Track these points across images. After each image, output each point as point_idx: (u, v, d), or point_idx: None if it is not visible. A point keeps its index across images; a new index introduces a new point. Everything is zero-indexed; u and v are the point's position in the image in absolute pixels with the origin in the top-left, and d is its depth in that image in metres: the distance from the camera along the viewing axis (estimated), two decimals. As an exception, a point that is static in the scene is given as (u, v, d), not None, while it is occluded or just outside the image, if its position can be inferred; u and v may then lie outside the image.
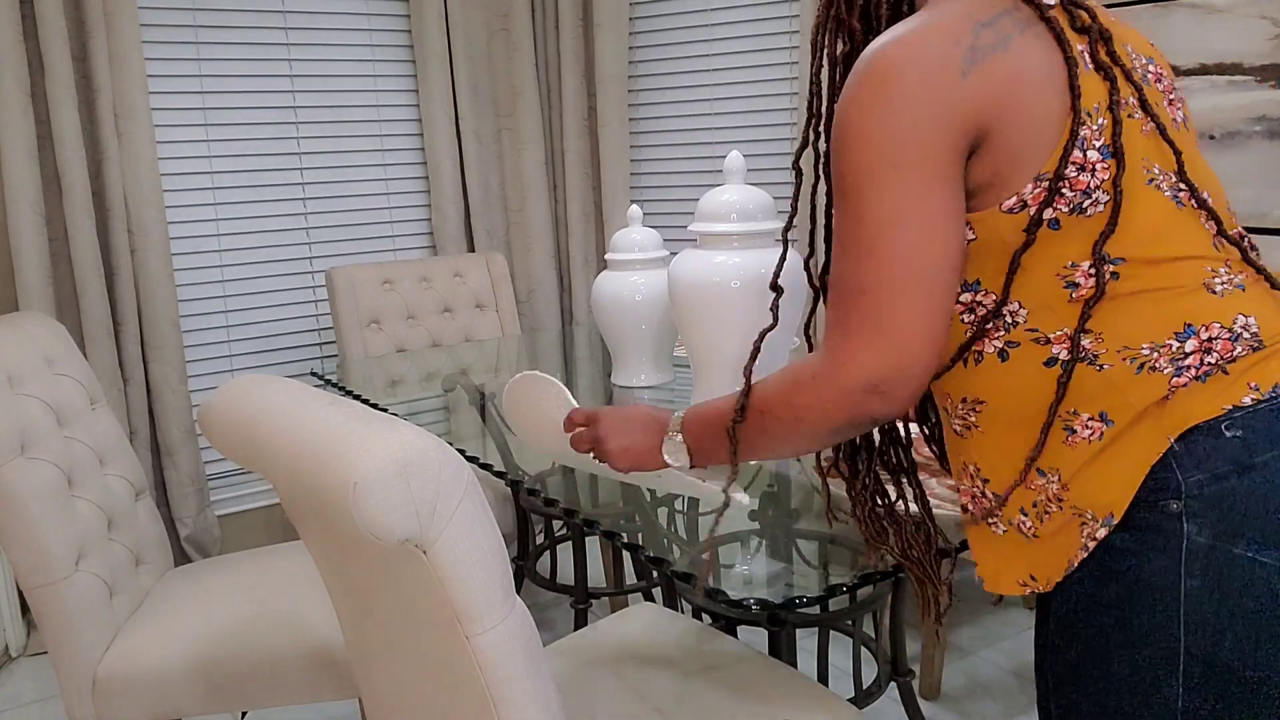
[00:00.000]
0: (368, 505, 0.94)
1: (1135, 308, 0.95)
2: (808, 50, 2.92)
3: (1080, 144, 0.93)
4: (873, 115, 0.93)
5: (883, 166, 0.93)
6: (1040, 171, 0.94)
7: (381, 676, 1.26)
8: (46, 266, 2.63)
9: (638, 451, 1.19)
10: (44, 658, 2.63)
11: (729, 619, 1.77)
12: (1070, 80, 0.94)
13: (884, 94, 0.92)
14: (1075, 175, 0.94)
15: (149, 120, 2.72)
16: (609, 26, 3.24)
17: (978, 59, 0.92)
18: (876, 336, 0.94)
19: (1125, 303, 0.95)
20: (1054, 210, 0.94)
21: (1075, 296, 0.96)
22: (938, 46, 0.92)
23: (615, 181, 3.35)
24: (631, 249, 2.10)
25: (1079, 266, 0.95)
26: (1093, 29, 0.97)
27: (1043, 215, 0.95)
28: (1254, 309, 0.97)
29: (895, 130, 0.92)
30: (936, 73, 0.92)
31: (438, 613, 1.02)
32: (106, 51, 2.64)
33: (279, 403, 1.14)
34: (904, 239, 0.93)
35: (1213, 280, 0.97)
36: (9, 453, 1.53)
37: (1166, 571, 0.93)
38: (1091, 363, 0.96)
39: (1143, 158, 0.97)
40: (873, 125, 0.93)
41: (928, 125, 0.92)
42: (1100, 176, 0.94)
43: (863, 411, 0.96)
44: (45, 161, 2.64)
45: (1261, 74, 2.27)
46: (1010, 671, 2.40)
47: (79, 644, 1.60)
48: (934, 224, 0.93)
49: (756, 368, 1.83)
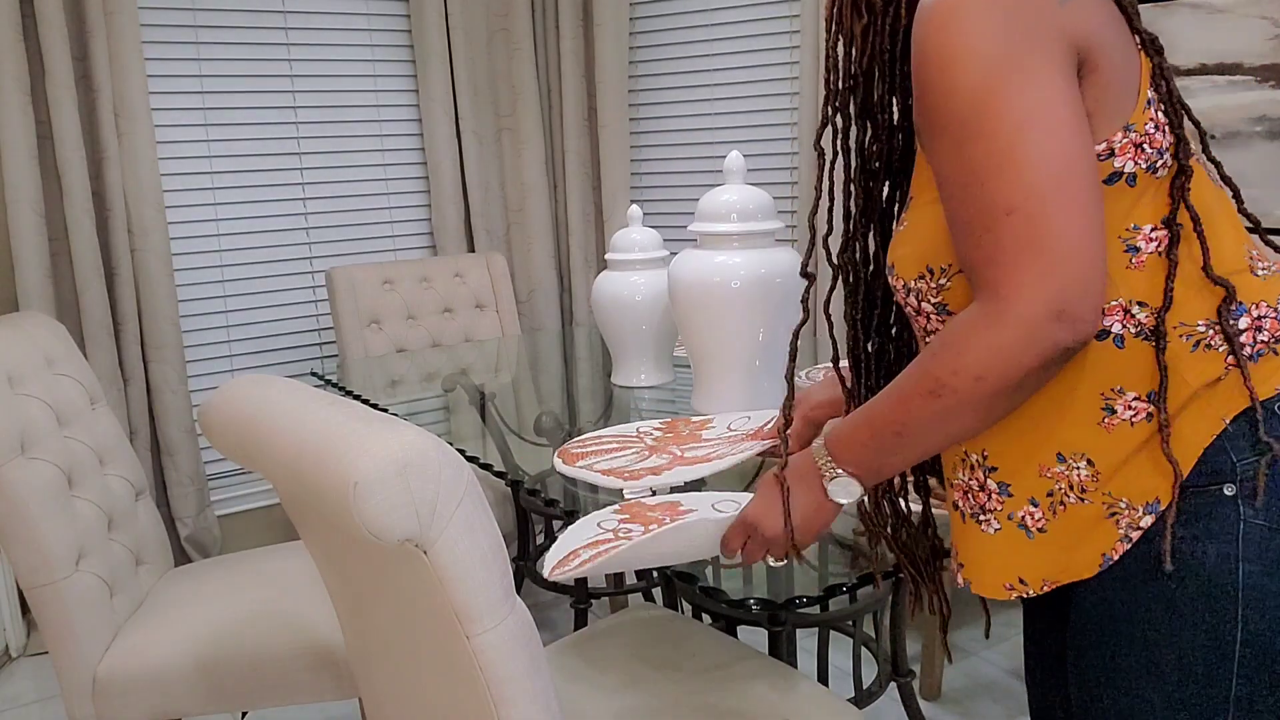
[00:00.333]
0: (368, 505, 0.94)
1: (1192, 282, 0.91)
2: (808, 50, 2.93)
3: (1150, 103, 0.90)
4: (978, 31, 0.85)
5: (1003, 74, 0.84)
6: (1129, 121, 0.89)
7: (381, 676, 1.26)
8: (46, 266, 2.63)
9: (807, 517, 1.03)
10: (44, 658, 2.62)
11: (729, 619, 1.77)
12: (1133, 27, 0.92)
13: (985, 10, 0.85)
14: (1153, 131, 0.90)
15: (149, 120, 2.72)
16: (609, 26, 3.24)
17: None
18: (1041, 255, 0.83)
19: (1182, 275, 0.91)
20: (1135, 164, 0.90)
21: (1134, 262, 0.91)
22: None
23: (615, 181, 3.35)
24: (631, 249, 2.10)
25: (1141, 230, 0.91)
26: (1123, 1, 0.94)
27: (1125, 168, 0.89)
28: None
29: (1010, 37, 0.85)
30: None
31: (438, 613, 1.02)
32: (106, 51, 2.64)
33: (279, 403, 1.14)
34: (1044, 142, 0.83)
35: (1254, 262, 0.95)
36: (9, 453, 1.53)
37: (1224, 557, 0.90)
38: (1147, 338, 0.91)
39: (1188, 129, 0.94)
40: (981, 40, 0.85)
41: (1043, 32, 0.85)
42: (1168, 139, 0.91)
43: (1052, 344, 0.84)
44: (45, 161, 2.64)
45: (1261, 74, 2.27)
46: (1010, 671, 2.40)
47: (79, 644, 1.60)
48: (1071, 123, 0.85)
49: (756, 366, 1.83)
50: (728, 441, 1.62)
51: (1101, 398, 0.92)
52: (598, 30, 3.24)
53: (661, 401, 2.01)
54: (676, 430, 1.74)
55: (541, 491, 1.50)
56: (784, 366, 1.89)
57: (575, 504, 1.46)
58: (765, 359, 1.84)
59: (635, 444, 1.68)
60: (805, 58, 2.96)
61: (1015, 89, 0.84)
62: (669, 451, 1.61)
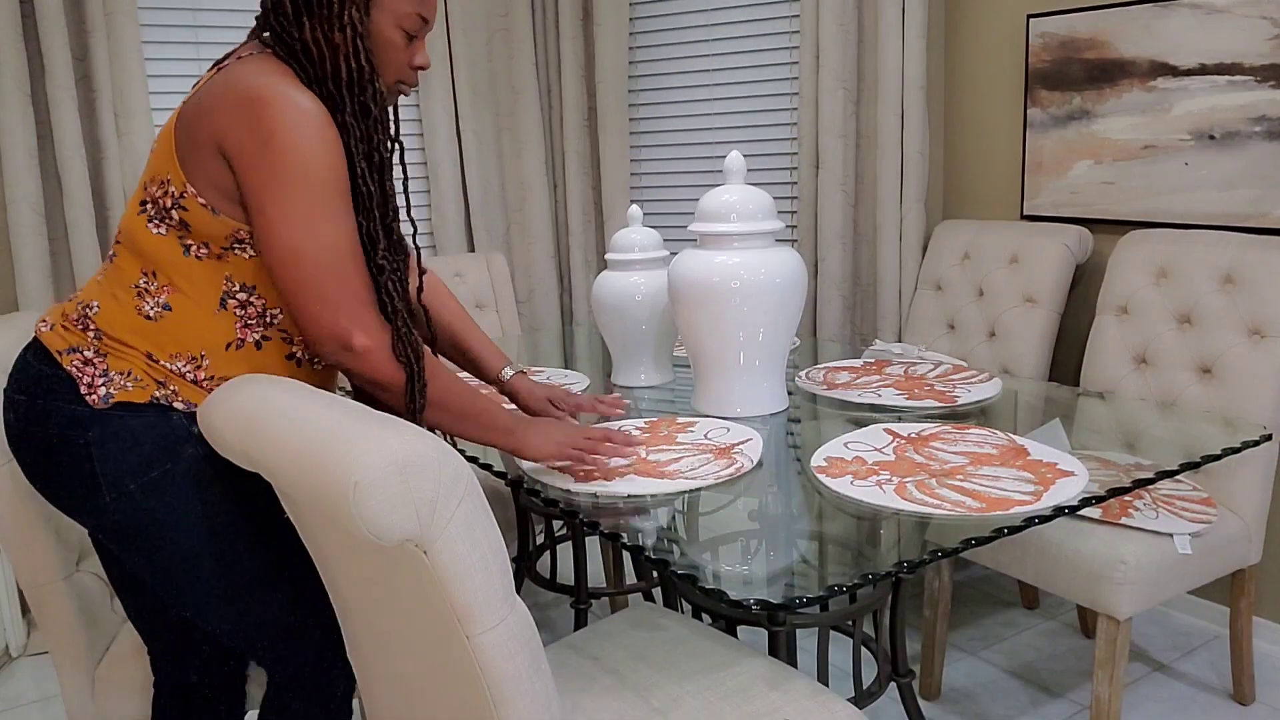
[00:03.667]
0: (368, 505, 0.94)
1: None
2: (808, 50, 2.93)
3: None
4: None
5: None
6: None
7: (381, 676, 1.26)
8: (46, 266, 2.63)
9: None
10: (44, 658, 2.62)
11: (729, 619, 1.77)
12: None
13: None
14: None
15: (149, 120, 2.72)
16: (609, 26, 3.24)
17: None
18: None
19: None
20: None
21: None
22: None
23: (615, 181, 3.35)
24: (631, 249, 2.10)
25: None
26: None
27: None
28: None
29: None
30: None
31: (438, 613, 1.02)
32: (106, 51, 2.64)
33: (279, 403, 1.14)
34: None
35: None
36: (9, 453, 1.53)
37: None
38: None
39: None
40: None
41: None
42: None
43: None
44: (45, 161, 2.64)
45: (1261, 74, 2.27)
46: (1010, 672, 2.40)
47: (79, 644, 1.60)
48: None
49: (756, 366, 1.83)
50: (695, 449, 1.63)
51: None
52: (598, 30, 3.24)
53: (661, 401, 2.01)
54: (656, 430, 1.75)
55: (541, 491, 1.51)
56: (785, 367, 1.89)
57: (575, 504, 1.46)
58: (765, 359, 1.84)
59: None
60: (805, 58, 2.96)
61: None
62: (634, 452, 1.62)
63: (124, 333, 1.35)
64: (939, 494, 1.41)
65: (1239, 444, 1.63)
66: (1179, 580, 1.94)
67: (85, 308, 1.38)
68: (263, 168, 1.26)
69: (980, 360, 2.67)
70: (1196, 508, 2.01)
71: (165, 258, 1.35)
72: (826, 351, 2.46)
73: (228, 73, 1.31)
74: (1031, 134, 2.73)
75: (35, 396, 1.34)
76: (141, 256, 1.36)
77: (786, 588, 1.19)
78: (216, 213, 1.31)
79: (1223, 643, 2.47)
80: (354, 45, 1.32)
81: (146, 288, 1.36)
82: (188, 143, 1.30)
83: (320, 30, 1.32)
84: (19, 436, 1.36)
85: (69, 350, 1.35)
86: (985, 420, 1.80)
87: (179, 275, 1.35)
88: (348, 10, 1.32)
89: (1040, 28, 2.67)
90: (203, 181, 1.31)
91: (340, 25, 1.32)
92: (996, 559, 2.09)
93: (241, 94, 1.26)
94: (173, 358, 1.35)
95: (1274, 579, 2.40)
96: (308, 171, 1.27)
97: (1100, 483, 1.46)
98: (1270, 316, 2.08)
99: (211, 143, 1.28)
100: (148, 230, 1.35)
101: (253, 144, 1.26)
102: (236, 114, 1.26)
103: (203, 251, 1.34)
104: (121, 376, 1.34)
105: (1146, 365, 2.29)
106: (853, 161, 2.97)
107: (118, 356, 1.35)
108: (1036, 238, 2.59)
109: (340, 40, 1.32)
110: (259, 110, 1.25)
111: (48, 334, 1.38)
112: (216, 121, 1.28)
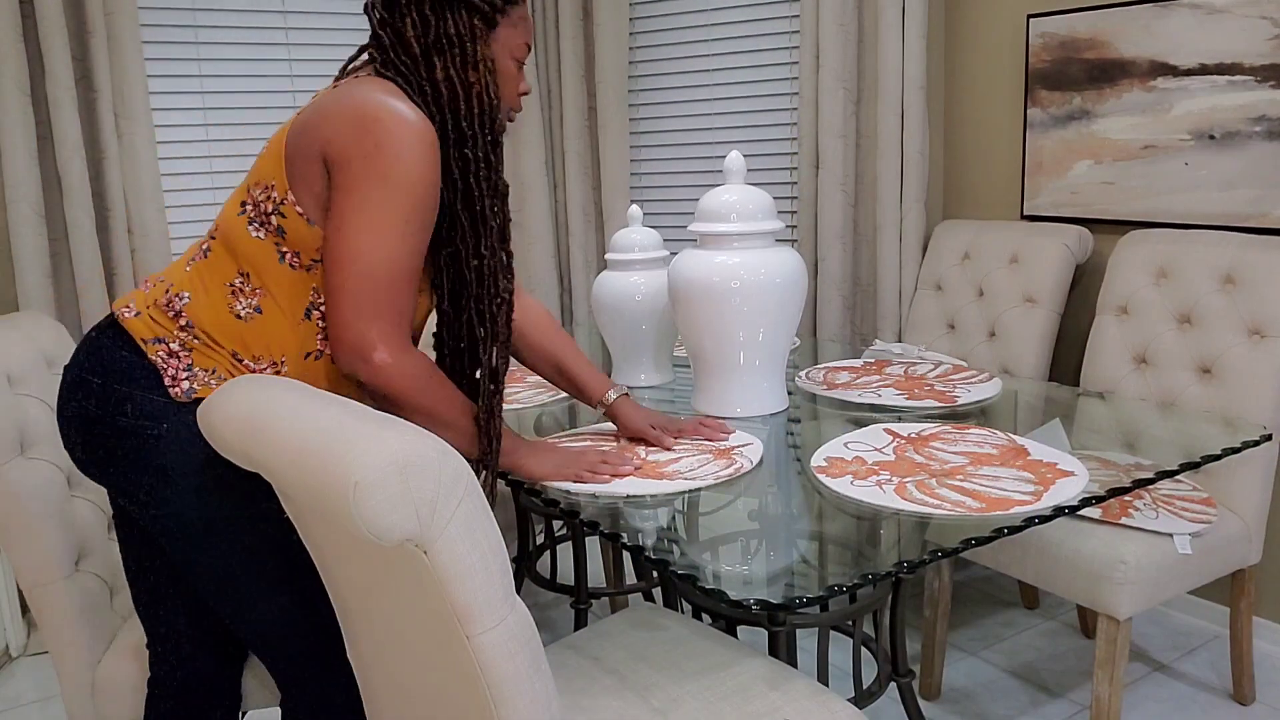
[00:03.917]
0: (368, 505, 0.94)
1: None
2: (808, 50, 2.93)
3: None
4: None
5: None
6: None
7: (381, 676, 1.26)
8: (46, 266, 2.63)
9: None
10: (44, 658, 2.63)
11: (729, 619, 1.77)
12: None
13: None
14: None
15: (149, 120, 2.72)
16: (609, 26, 3.23)
17: None
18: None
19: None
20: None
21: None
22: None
23: (615, 181, 3.35)
24: (632, 249, 2.10)
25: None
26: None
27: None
28: None
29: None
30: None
31: (438, 612, 1.02)
32: (106, 51, 2.64)
33: (279, 402, 1.14)
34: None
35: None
36: (9, 453, 1.53)
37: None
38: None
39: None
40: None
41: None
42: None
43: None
44: (45, 161, 2.64)
45: (1261, 74, 2.27)
46: (1010, 672, 2.40)
47: (79, 644, 1.60)
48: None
49: (756, 366, 1.83)
50: (695, 450, 1.63)
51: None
52: (598, 30, 3.24)
53: (661, 401, 2.01)
54: None
55: (542, 491, 1.51)
56: (785, 367, 1.89)
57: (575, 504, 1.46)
58: (765, 359, 1.84)
59: (607, 443, 1.69)
60: (805, 58, 2.96)
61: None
62: (634, 453, 1.63)
63: (213, 329, 1.37)
64: (939, 494, 1.41)
65: (1239, 444, 1.63)
66: (1179, 580, 1.94)
67: (176, 296, 1.39)
68: (358, 171, 1.30)
69: (980, 360, 2.67)
70: (1196, 508, 2.01)
71: (261, 262, 1.37)
72: (826, 351, 2.46)
73: (345, 87, 1.36)
74: (1031, 134, 2.73)
75: (112, 381, 1.35)
76: (239, 257, 1.38)
77: (786, 588, 1.19)
78: (311, 223, 1.35)
79: (1223, 643, 2.47)
80: (485, 81, 1.39)
81: (241, 288, 1.38)
82: (296, 151, 1.34)
83: (453, 69, 1.38)
84: (89, 419, 1.36)
85: (155, 340, 1.36)
86: (985, 420, 1.80)
87: (271, 281, 1.38)
88: (479, 48, 1.38)
89: (1040, 28, 2.67)
90: (303, 190, 1.34)
91: (474, 64, 1.38)
92: (996, 559, 2.09)
93: (356, 105, 1.31)
94: (256, 359, 1.38)
95: (1274, 579, 2.40)
96: (401, 185, 1.30)
97: (1100, 483, 1.46)
98: (1270, 316, 2.08)
99: (317, 150, 1.32)
100: (247, 232, 1.37)
101: (357, 151, 1.30)
102: (347, 123, 1.30)
103: (295, 261, 1.37)
104: (206, 373, 1.36)
105: (1146, 365, 2.29)
106: (853, 161, 2.97)
107: (203, 353, 1.37)
108: (1036, 238, 2.60)
109: (474, 78, 1.39)
110: (369, 122, 1.29)
111: (133, 320, 1.38)
112: (325, 129, 1.32)
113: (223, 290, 1.38)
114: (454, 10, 1.38)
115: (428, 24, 1.38)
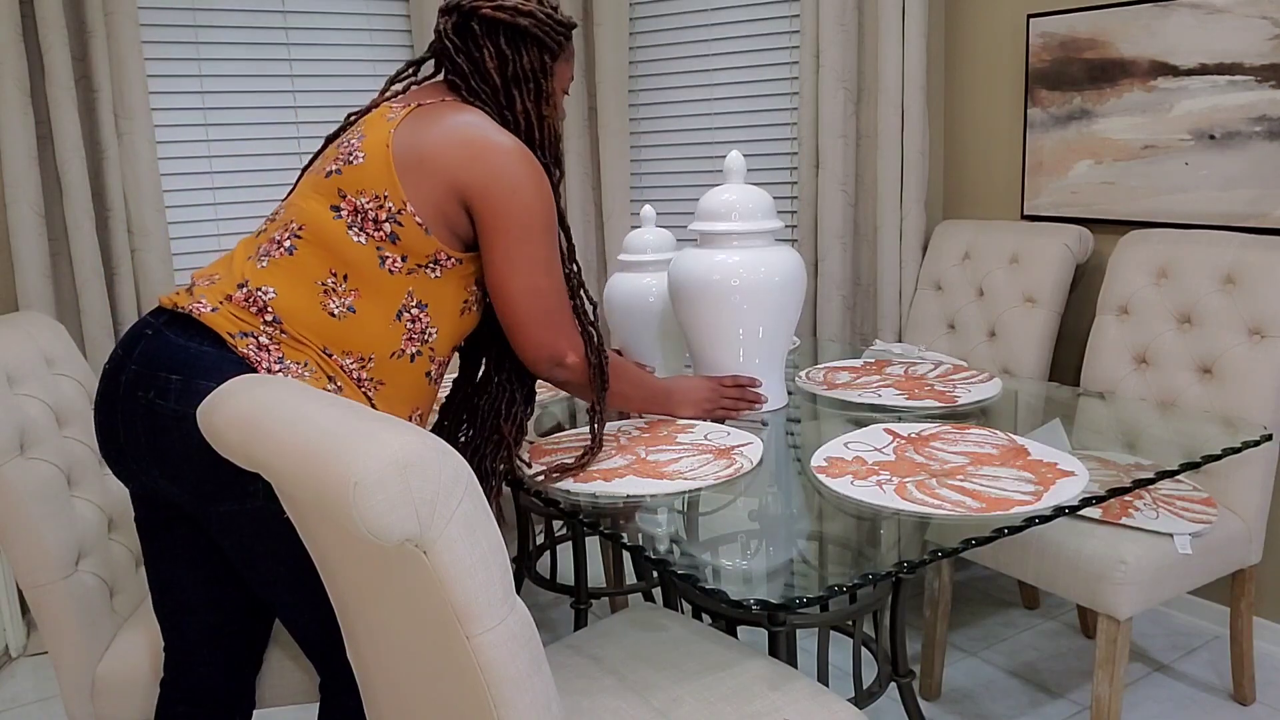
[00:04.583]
0: (368, 505, 0.94)
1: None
2: (808, 50, 2.93)
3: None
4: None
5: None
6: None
7: (381, 676, 1.26)
8: (46, 266, 2.62)
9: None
10: (44, 658, 2.62)
11: (729, 619, 1.77)
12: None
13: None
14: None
15: (149, 120, 2.72)
16: (609, 26, 3.24)
17: None
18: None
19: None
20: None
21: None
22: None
23: (615, 181, 3.35)
24: (644, 250, 2.09)
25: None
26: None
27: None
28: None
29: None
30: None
31: (438, 613, 1.02)
32: (106, 51, 2.64)
33: (279, 403, 1.13)
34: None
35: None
36: (9, 453, 1.53)
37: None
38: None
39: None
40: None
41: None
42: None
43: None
44: (45, 161, 2.64)
45: (1261, 74, 2.27)
46: (1010, 672, 2.40)
47: (79, 644, 1.60)
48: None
49: (756, 364, 1.83)
50: (695, 451, 1.63)
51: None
52: (598, 30, 3.24)
53: (661, 401, 2.01)
54: (655, 431, 1.75)
55: (542, 491, 1.51)
56: (784, 365, 1.89)
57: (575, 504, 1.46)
58: (764, 357, 1.84)
59: (607, 443, 1.69)
60: (805, 58, 2.96)
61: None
62: (634, 452, 1.63)
63: (302, 325, 1.40)
64: (939, 494, 1.41)
65: (1239, 444, 1.63)
66: (1179, 580, 1.94)
67: (259, 291, 1.40)
68: (501, 212, 1.45)
69: (980, 360, 2.67)
70: (1197, 508, 2.01)
71: (359, 265, 1.42)
72: (826, 351, 2.46)
73: (451, 116, 1.47)
74: (1032, 134, 2.73)
75: (196, 376, 1.33)
76: (333, 257, 1.42)
77: (786, 588, 1.19)
78: (429, 232, 1.44)
79: (1223, 643, 2.47)
80: (553, 114, 1.57)
81: (334, 288, 1.42)
82: (408, 168, 1.43)
83: (529, 102, 1.53)
84: (164, 416, 1.34)
85: (241, 334, 1.37)
86: (985, 420, 1.79)
87: (367, 283, 1.42)
88: (550, 85, 1.56)
89: (1040, 27, 2.67)
90: (423, 203, 1.41)
91: (547, 99, 1.55)
92: (997, 559, 2.09)
93: (478, 144, 1.45)
94: (344, 354, 1.42)
95: (1274, 579, 2.40)
96: (545, 221, 1.48)
97: (1100, 483, 1.46)
98: (1270, 316, 2.08)
99: (450, 192, 1.44)
100: (347, 236, 1.42)
101: (499, 192, 1.44)
102: (481, 166, 1.44)
103: (397, 265, 1.43)
104: (299, 366, 1.38)
105: (1146, 365, 2.29)
106: (853, 161, 2.97)
107: (292, 346, 1.39)
108: (1037, 238, 2.59)
109: (547, 111, 1.55)
110: (503, 165, 1.44)
111: (211, 315, 1.38)
112: (452, 166, 1.43)
113: (313, 288, 1.41)
114: (527, 47, 1.52)
115: (505, 59, 1.51)
